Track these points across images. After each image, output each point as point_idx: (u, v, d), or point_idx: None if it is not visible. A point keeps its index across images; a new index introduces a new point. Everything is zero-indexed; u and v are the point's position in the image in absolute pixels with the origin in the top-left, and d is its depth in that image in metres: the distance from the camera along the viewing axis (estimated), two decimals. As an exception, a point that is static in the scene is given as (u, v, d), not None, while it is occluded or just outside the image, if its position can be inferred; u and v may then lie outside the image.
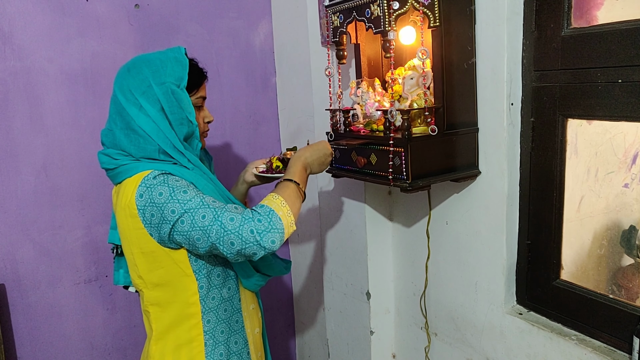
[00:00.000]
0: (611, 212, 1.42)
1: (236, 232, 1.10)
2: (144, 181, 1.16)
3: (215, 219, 1.12)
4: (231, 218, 1.12)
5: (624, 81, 1.13)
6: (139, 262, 1.22)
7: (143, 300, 1.29)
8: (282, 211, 1.16)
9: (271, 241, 1.12)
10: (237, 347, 1.30)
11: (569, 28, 1.24)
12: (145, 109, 1.18)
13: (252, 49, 2.31)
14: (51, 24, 1.88)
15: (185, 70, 1.23)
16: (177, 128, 1.21)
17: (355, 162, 1.49)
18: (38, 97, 1.89)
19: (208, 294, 1.25)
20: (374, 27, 1.32)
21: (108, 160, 1.23)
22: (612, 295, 1.26)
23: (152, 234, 1.17)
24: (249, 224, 1.11)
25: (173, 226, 1.13)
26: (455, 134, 1.38)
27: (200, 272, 1.23)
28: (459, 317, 1.60)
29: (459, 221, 1.54)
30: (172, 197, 1.13)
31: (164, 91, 1.19)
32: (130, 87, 1.20)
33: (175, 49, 1.27)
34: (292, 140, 2.35)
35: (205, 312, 1.24)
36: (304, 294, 2.48)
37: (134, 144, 1.19)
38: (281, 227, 1.14)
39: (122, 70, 1.25)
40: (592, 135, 1.36)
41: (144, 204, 1.14)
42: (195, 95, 1.28)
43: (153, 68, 1.20)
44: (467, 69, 1.38)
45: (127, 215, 1.18)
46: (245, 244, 1.11)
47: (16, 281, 1.92)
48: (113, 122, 1.23)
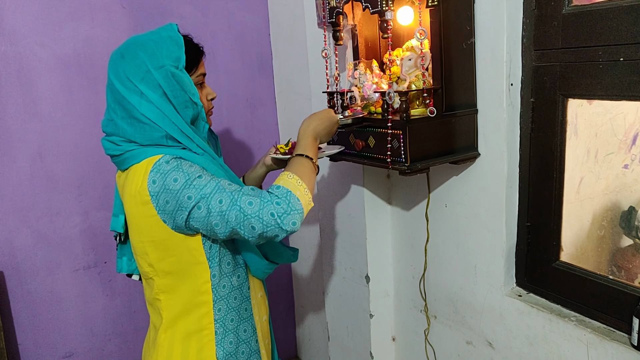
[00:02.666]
0: (611, 193, 1.41)
1: (256, 216, 1.08)
2: (155, 166, 1.12)
3: (233, 203, 1.09)
4: (250, 202, 1.09)
5: (626, 59, 1.11)
6: (149, 250, 1.19)
7: (152, 288, 1.25)
8: (299, 191, 1.13)
9: (292, 223, 1.10)
10: (246, 335, 1.29)
11: (570, 6, 1.22)
12: (147, 95, 1.13)
13: (247, 31, 2.28)
14: (42, 7, 1.85)
15: (181, 49, 1.17)
16: (182, 112, 1.17)
17: (353, 145, 1.47)
18: (31, 82, 1.87)
19: (220, 282, 1.23)
20: (370, 7, 1.29)
21: (112, 147, 1.18)
22: (611, 276, 1.26)
23: (166, 221, 1.13)
24: (268, 207, 1.09)
25: (190, 213, 1.10)
26: (454, 115, 1.36)
27: (213, 260, 1.21)
28: (458, 299, 1.60)
29: (458, 204, 1.53)
30: (187, 183, 1.10)
31: (163, 75, 1.13)
32: (127, 74, 1.14)
33: (168, 26, 1.20)
34: (289, 123, 2.33)
35: (216, 300, 1.23)
36: (303, 278, 2.48)
37: (139, 132, 1.15)
38: (300, 208, 1.12)
39: (116, 56, 1.18)
40: (592, 115, 1.34)
41: (157, 191, 1.11)
42: (195, 73, 1.22)
43: (149, 51, 1.14)
44: (466, 49, 1.36)
45: (138, 203, 1.14)
46: (266, 227, 1.09)
47: (15, 268, 1.92)
48: (113, 112, 1.17)
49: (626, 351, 1.14)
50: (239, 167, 2.32)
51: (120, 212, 1.28)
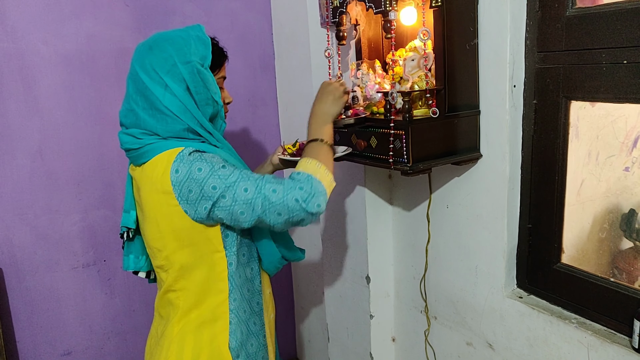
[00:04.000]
0: (612, 195, 1.41)
1: (281, 203, 1.12)
2: (179, 157, 1.13)
3: (258, 191, 1.12)
4: (274, 190, 1.13)
5: (629, 62, 1.11)
6: (168, 241, 1.20)
7: (165, 282, 1.25)
8: (319, 173, 1.16)
9: (317, 205, 1.13)
10: (256, 329, 1.31)
11: (574, 8, 1.22)
12: (171, 88, 1.15)
13: (250, 31, 2.28)
14: (45, 4, 1.85)
15: (208, 49, 1.20)
16: (203, 108, 1.19)
17: (355, 145, 1.47)
18: (33, 79, 1.86)
19: (236, 271, 1.24)
20: (374, 7, 1.29)
21: (131, 140, 1.19)
22: (612, 279, 1.26)
23: (187, 210, 1.14)
24: (292, 193, 1.12)
25: (215, 202, 1.12)
26: (456, 116, 1.36)
27: (230, 248, 1.23)
28: (459, 300, 1.60)
29: (459, 205, 1.53)
30: (212, 172, 1.12)
31: (189, 70, 1.16)
32: (154, 66, 1.15)
33: (196, 27, 1.23)
34: (290, 123, 2.33)
35: (232, 289, 1.24)
36: (303, 278, 2.48)
37: (161, 123, 1.16)
38: (323, 189, 1.15)
39: (143, 48, 1.19)
40: (594, 118, 1.34)
41: (180, 180, 1.12)
42: (217, 75, 1.25)
43: (177, 46, 1.16)
44: (469, 50, 1.36)
45: (159, 192, 1.15)
46: (292, 213, 1.12)
47: (14, 266, 1.91)
48: (134, 102, 1.18)
49: (627, 354, 1.14)
50: (239, 167, 2.32)
51: (132, 208, 1.29)
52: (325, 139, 1.25)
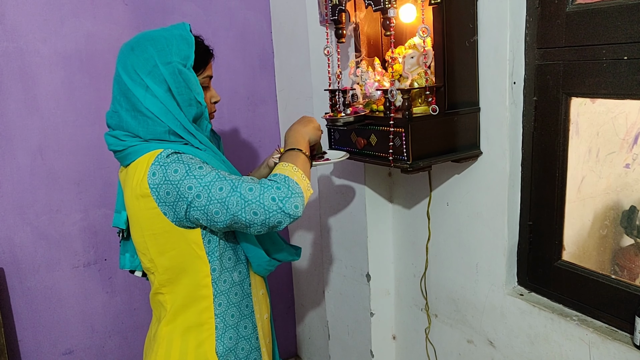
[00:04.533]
0: (612, 192, 1.41)
1: (257, 201, 1.09)
2: (156, 160, 1.12)
3: (233, 189, 1.10)
4: (250, 188, 1.10)
5: (630, 58, 1.10)
6: (150, 245, 1.19)
7: (154, 283, 1.26)
8: (296, 176, 1.14)
9: (294, 206, 1.10)
10: (247, 332, 1.29)
11: (574, 4, 1.21)
12: (152, 89, 1.13)
13: (249, 29, 2.27)
14: (44, 3, 1.85)
15: (191, 48, 1.18)
16: (186, 109, 1.17)
17: (355, 143, 1.47)
18: (32, 78, 1.86)
19: (220, 276, 1.23)
20: (373, 5, 1.28)
21: (115, 142, 1.19)
22: (613, 276, 1.25)
23: (166, 213, 1.13)
24: (269, 192, 1.09)
25: (190, 203, 1.11)
26: (456, 113, 1.36)
27: (212, 254, 1.21)
28: (459, 298, 1.60)
29: (459, 202, 1.53)
30: (187, 173, 1.10)
31: (170, 71, 1.14)
32: (135, 67, 1.14)
33: (180, 25, 1.21)
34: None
35: (216, 295, 1.23)
36: (303, 276, 2.48)
37: (142, 126, 1.15)
38: (300, 191, 1.12)
39: (126, 49, 1.19)
40: (594, 114, 1.34)
41: (157, 182, 1.11)
42: (202, 74, 1.23)
43: (158, 47, 1.15)
44: (469, 47, 1.36)
45: (138, 196, 1.14)
46: (269, 213, 1.09)
47: (15, 265, 1.92)
48: (118, 104, 1.18)
49: (628, 351, 1.14)
50: (239, 165, 2.31)
51: (123, 209, 1.28)
52: (303, 150, 1.24)
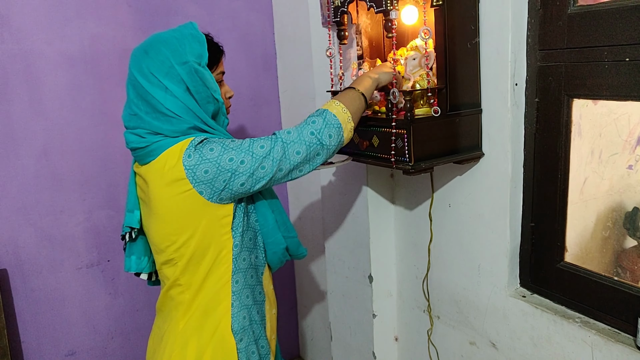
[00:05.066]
0: (615, 193, 1.40)
1: (298, 139, 1.18)
2: (190, 145, 1.15)
3: (274, 140, 1.18)
4: (288, 131, 1.19)
5: (631, 59, 1.10)
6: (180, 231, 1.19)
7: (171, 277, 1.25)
8: (335, 109, 1.22)
9: (328, 135, 1.19)
10: (259, 317, 1.32)
11: (575, 5, 1.21)
12: (171, 90, 1.16)
13: (252, 30, 2.28)
14: (49, 5, 1.86)
15: (204, 46, 1.20)
16: (204, 106, 1.21)
17: (357, 144, 1.47)
18: (37, 80, 1.88)
19: (240, 253, 1.26)
20: (375, 7, 1.29)
21: (137, 140, 1.19)
22: (616, 278, 1.25)
23: (202, 191, 1.15)
24: (306, 128, 1.19)
25: (235, 171, 1.14)
26: (458, 115, 1.36)
27: (237, 229, 1.24)
28: (461, 299, 1.59)
29: (462, 204, 1.53)
30: (224, 148, 1.15)
31: (187, 71, 1.16)
32: (151, 69, 1.16)
33: (188, 25, 1.23)
34: (293, 122, 2.33)
35: (235, 271, 1.25)
36: (306, 277, 2.48)
37: (166, 125, 1.17)
38: (336, 122, 1.20)
39: (139, 53, 1.20)
40: (597, 116, 1.34)
41: (193, 164, 1.13)
42: (216, 71, 1.26)
43: (172, 47, 1.17)
44: (471, 48, 1.36)
45: (169, 182, 1.15)
46: (309, 147, 1.18)
47: (18, 266, 1.92)
48: (136, 107, 1.19)
49: (631, 353, 1.14)
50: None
51: (136, 208, 1.29)
52: (360, 89, 1.29)
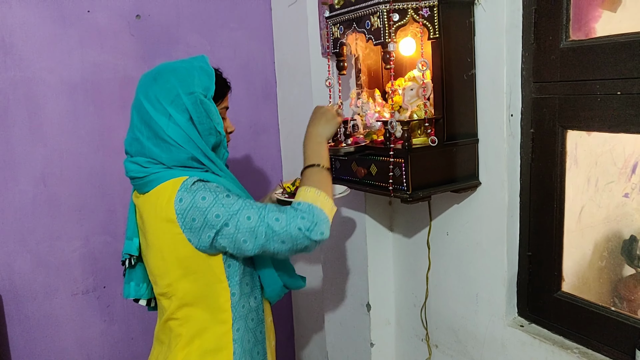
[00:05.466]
0: (612, 222, 1.41)
1: (284, 232, 1.13)
2: (183, 186, 1.15)
3: (261, 220, 1.14)
4: (276, 218, 1.14)
5: (623, 93, 1.13)
6: (171, 269, 1.21)
7: (168, 309, 1.26)
8: (319, 201, 1.18)
9: (320, 233, 1.15)
10: (259, 357, 1.31)
11: (568, 40, 1.25)
12: (175, 118, 1.17)
13: (253, 60, 2.32)
14: (53, 34, 1.89)
15: (212, 80, 1.22)
16: (206, 138, 1.21)
17: (356, 172, 1.49)
18: (38, 107, 1.89)
19: (239, 301, 1.25)
20: (374, 39, 1.32)
21: (137, 169, 1.21)
22: (613, 308, 1.25)
23: (190, 239, 1.16)
24: (295, 222, 1.14)
25: (218, 231, 1.13)
26: (455, 144, 1.38)
27: (233, 278, 1.23)
28: (459, 328, 1.59)
29: (459, 232, 1.54)
30: (215, 201, 1.14)
31: (192, 101, 1.18)
32: (158, 96, 1.18)
33: (199, 57, 1.26)
34: (292, 150, 2.35)
35: (235, 319, 1.24)
36: (303, 305, 2.46)
37: (165, 153, 1.18)
38: (325, 217, 1.17)
39: (147, 79, 1.22)
40: (592, 145, 1.36)
41: (184, 208, 1.13)
42: (220, 105, 1.27)
43: (180, 77, 1.19)
44: (467, 80, 1.39)
45: (163, 220, 1.16)
46: (296, 241, 1.14)
47: (13, 292, 1.91)
48: (139, 132, 1.21)
49: (630, 384, 1.13)
50: (240, 193, 2.33)
51: (135, 235, 1.29)
52: (322, 163, 1.27)
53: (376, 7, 1.29)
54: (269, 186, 2.41)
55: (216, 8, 2.20)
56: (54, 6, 1.88)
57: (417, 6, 1.28)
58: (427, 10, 1.28)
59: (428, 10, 1.28)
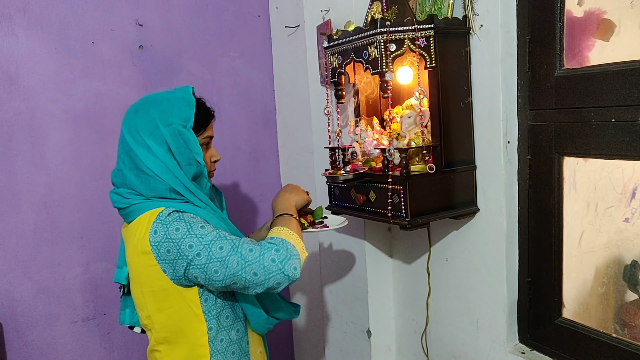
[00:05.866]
0: (612, 247, 1.41)
1: (257, 262, 1.13)
2: (158, 218, 1.15)
3: (233, 249, 1.14)
4: (250, 249, 1.14)
5: (617, 120, 1.15)
6: (148, 301, 1.21)
7: (151, 340, 1.26)
8: (292, 239, 1.19)
9: (293, 267, 1.14)
10: None
11: (562, 69, 1.27)
12: (153, 149, 1.18)
13: (252, 88, 2.35)
14: (57, 65, 1.93)
15: (192, 110, 1.23)
16: (185, 168, 1.22)
17: (355, 199, 1.50)
18: (41, 136, 1.92)
19: (217, 335, 1.23)
20: (371, 68, 1.35)
21: (119, 200, 1.23)
22: (615, 335, 1.25)
23: (165, 270, 1.16)
24: (269, 253, 1.14)
25: (190, 261, 1.13)
26: (453, 171, 1.39)
27: (209, 312, 1.22)
28: (460, 355, 1.57)
29: (459, 258, 1.54)
30: (189, 232, 1.14)
31: (171, 132, 1.19)
32: (138, 128, 1.20)
33: (184, 88, 1.27)
34: (291, 176, 2.36)
35: (213, 354, 1.23)
36: (304, 332, 2.44)
37: (144, 184, 1.19)
38: (297, 254, 1.17)
39: (130, 111, 1.25)
40: (590, 171, 1.37)
41: (158, 240, 1.14)
42: (202, 134, 1.27)
43: (160, 109, 1.21)
44: (464, 108, 1.41)
45: (139, 252, 1.17)
46: (268, 274, 1.13)
47: (13, 320, 1.90)
48: (122, 163, 1.23)
49: (633, 412, 1.12)
50: (241, 219, 2.34)
51: (124, 264, 1.30)
52: (293, 214, 1.29)
53: (373, 37, 1.32)
54: (268, 212, 2.42)
55: (217, 38, 2.24)
56: (59, 37, 1.92)
57: (414, 36, 1.30)
58: (423, 40, 1.31)
59: (424, 40, 1.31)
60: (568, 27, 1.26)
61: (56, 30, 1.92)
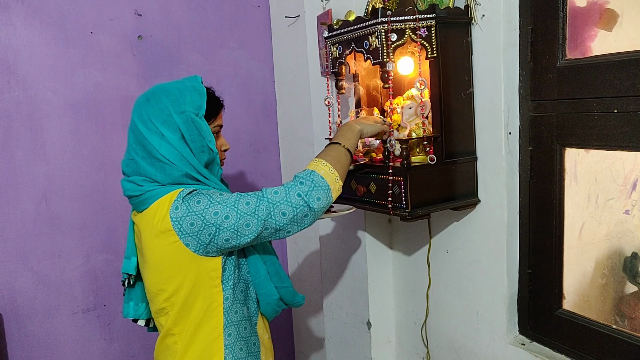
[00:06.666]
0: (613, 239, 1.41)
1: (284, 200, 1.16)
2: (178, 196, 1.17)
3: (259, 198, 1.17)
4: (275, 191, 1.18)
5: (619, 111, 1.14)
6: (169, 281, 1.21)
7: (165, 325, 1.26)
8: (322, 170, 1.20)
9: (317, 198, 1.17)
10: None
11: (564, 59, 1.26)
12: (167, 137, 1.20)
13: (253, 79, 2.34)
14: (56, 55, 1.92)
15: (203, 99, 1.25)
16: (198, 155, 1.24)
17: (355, 190, 1.49)
18: (41, 126, 1.91)
19: (232, 306, 1.25)
20: (372, 58, 1.34)
21: (133, 187, 1.23)
22: (615, 326, 1.25)
23: (188, 244, 1.16)
24: (294, 189, 1.17)
25: (219, 226, 1.15)
26: (454, 162, 1.39)
27: (227, 282, 1.24)
28: (460, 347, 1.58)
29: (459, 250, 1.53)
30: (210, 201, 1.16)
31: (184, 120, 1.21)
32: (151, 117, 1.21)
33: (192, 78, 1.29)
34: (292, 167, 2.36)
35: (227, 325, 1.24)
36: (304, 323, 2.45)
37: (159, 171, 1.21)
38: (324, 184, 1.19)
39: (141, 100, 1.25)
40: (591, 162, 1.36)
41: (180, 215, 1.15)
42: (213, 123, 1.30)
43: (172, 97, 1.22)
44: (465, 98, 1.40)
45: (158, 233, 1.17)
46: (296, 209, 1.16)
47: (13, 311, 1.91)
48: (134, 152, 1.23)
49: (632, 403, 1.12)
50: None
51: (133, 254, 1.30)
52: (344, 143, 1.29)
53: (374, 27, 1.30)
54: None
55: (217, 28, 2.23)
56: (58, 27, 1.91)
57: (415, 26, 1.29)
58: (424, 30, 1.30)
59: (426, 30, 1.30)
60: (571, 17, 1.25)
61: (54, 20, 1.91)
